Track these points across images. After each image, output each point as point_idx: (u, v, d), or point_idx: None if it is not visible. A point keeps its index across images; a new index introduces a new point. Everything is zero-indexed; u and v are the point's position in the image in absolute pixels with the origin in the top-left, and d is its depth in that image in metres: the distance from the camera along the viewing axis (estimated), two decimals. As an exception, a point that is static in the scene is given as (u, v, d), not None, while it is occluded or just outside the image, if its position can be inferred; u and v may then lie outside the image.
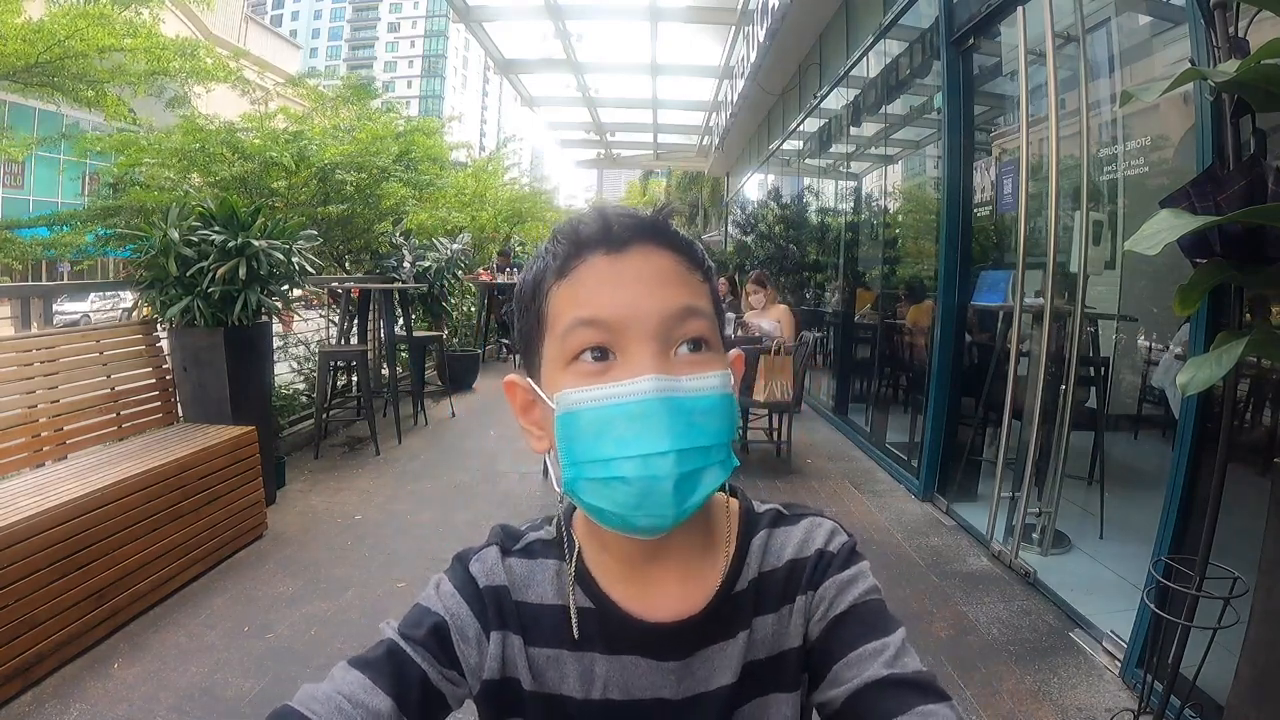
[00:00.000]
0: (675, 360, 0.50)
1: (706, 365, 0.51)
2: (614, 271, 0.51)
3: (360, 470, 4.11)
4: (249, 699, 1.94)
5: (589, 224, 0.52)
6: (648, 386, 0.48)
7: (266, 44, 30.36)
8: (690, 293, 0.52)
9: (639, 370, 0.48)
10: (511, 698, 0.57)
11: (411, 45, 77.85)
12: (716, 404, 0.50)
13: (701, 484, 0.49)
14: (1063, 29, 2.79)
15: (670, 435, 0.47)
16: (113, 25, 4.59)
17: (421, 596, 0.58)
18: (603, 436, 0.48)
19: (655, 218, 0.53)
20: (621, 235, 0.51)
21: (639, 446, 0.47)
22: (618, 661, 0.56)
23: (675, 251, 0.53)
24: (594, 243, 0.51)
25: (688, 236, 0.55)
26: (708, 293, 0.54)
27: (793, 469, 4.33)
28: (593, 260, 0.51)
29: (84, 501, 2.15)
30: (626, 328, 0.49)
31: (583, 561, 0.58)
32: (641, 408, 0.47)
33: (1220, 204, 1.35)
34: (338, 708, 0.48)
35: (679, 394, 0.48)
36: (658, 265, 0.51)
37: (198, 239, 3.11)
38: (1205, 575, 1.59)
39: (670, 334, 0.50)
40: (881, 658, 0.50)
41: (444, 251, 6.51)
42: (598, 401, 0.49)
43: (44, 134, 7.08)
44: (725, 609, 0.56)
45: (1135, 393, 3.67)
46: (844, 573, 0.57)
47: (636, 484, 0.47)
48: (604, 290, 0.50)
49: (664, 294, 0.50)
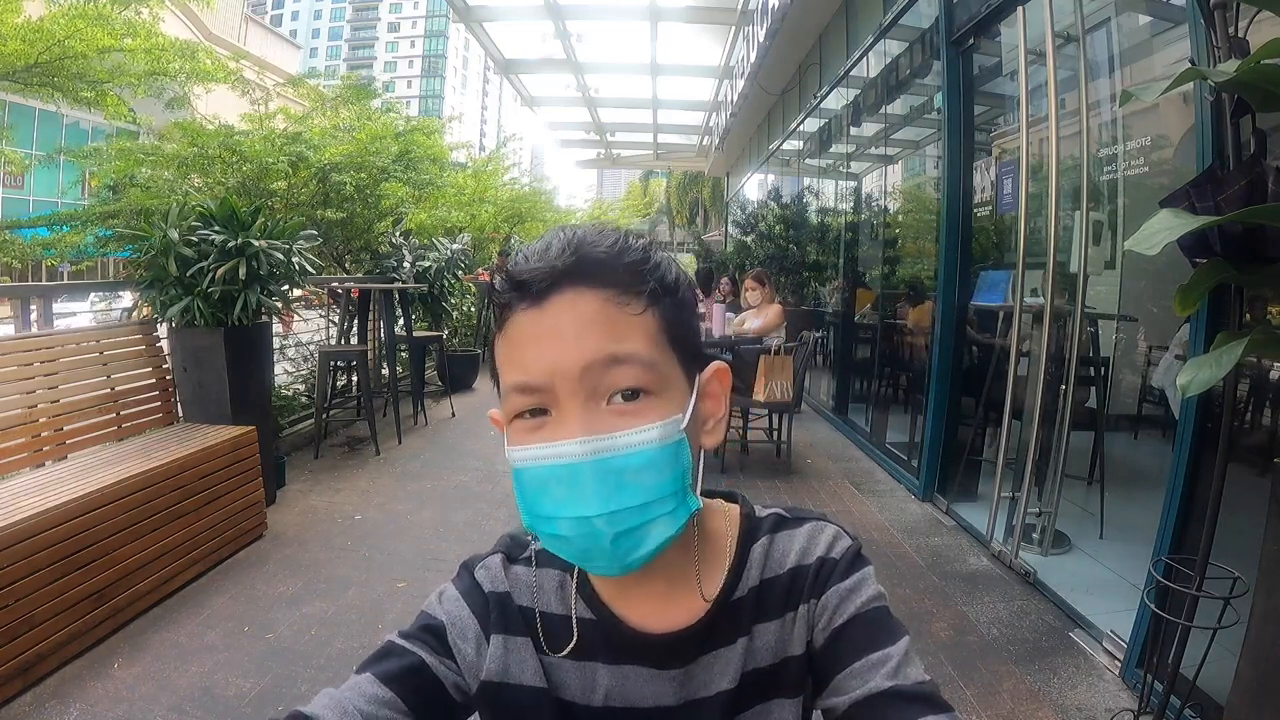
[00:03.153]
0: (607, 410, 0.48)
1: (640, 415, 0.48)
2: (535, 327, 0.48)
3: (360, 470, 4.11)
4: (249, 699, 1.94)
5: (510, 276, 0.50)
6: (573, 450, 0.46)
7: (266, 44, 30.33)
8: (615, 338, 0.48)
9: (568, 430, 0.47)
10: (513, 701, 0.57)
11: (411, 45, 77.83)
12: (652, 459, 0.47)
13: (646, 539, 0.48)
14: (1063, 29, 2.79)
15: (597, 498, 0.46)
16: (111, 25, 4.59)
17: (425, 604, 0.59)
18: (541, 494, 0.48)
19: (568, 258, 0.48)
20: (537, 287, 0.48)
21: (570, 509, 0.47)
22: (619, 671, 0.56)
23: (603, 288, 0.48)
24: (517, 296, 0.49)
25: (627, 255, 0.50)
26: (647, 326, 0.49)
27: (793, 469, 4.33)
28: (518, 316, 0.49)
29: (84, 501, 2.15)
30: (552, 387, 0.47)
31: (584, 573, 0.58)
32: (568, 471, 0.47)
33: (1220, 204, 1.35)
34: (336, 700, 0.50)
35: (609, 454, 0.47)
36: (578, 312, 0.48)
37: (198, 239, 3.11)
38: (1205, 575, 1.59)
39: (597, 385, 0.47)
40: (884, 669, 0.50)
41: (444, 251, 6.52)
42: (533, 461, 0.48)
43: (44, 133, 7.09)
44: (724, 617, 0.56)
45: (1135, 393, 3.67)
46: (846, 580, 0.56)
47: (575, 541, 0.48)
48: (529, 349, 0.48)
49: (583, 344, 0.47)
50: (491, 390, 0.54)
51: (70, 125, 13.02)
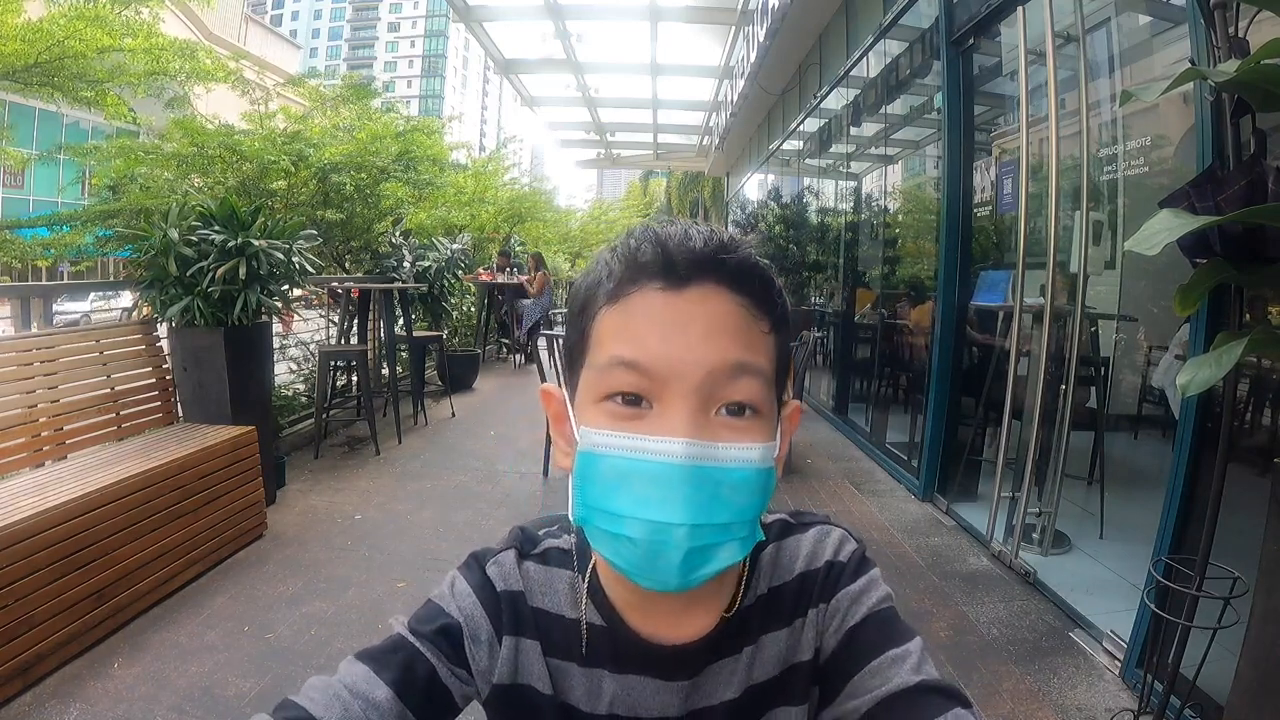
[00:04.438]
0: (713, 421, 0.46)
1: (747, 433, 0.46)
2: (667, 310, 0.46)
3: (360, 470, 4.11)
4: (249, 699, 1.94)
5: (650, 248, 0.47)
6: (678, 450, 0.43)
7: (266, 44, 30.35)
8: (747, 346, 0.46)
9: (672, 428, 0.44)
10: (523, 703, 0.56)
11: (411, 45, 77.84)
12: (750, 478, 0.46)
13: (714, 559, 0.46)
14: (1063, 29, 2.79)
15: (688, 507, 0.43)
16: (111, 25, 4.58)
17: (435, 594, 0.57)
18: (618, 489, 0.45)
19: (725, 252, 0.47)
20: (683, 269, 0.46)
21: (652, 512, 0.44)
22: (625, 680, 0.55)
23: (741, 294, 0.47)
24: (651, 272, 0.47)
25: (764, 272, 0.49)
26: (770, 348, 0.48)
27: (793, 469, 4.33)
28: (647, 292, 0.46)
29: (84, 501, 2.15)
30: (667, 378, 0.45)
31: (596, 577, 0.57)
32: (665, 470, 0.44)
33: (1220, 204, 1.35)
34: (336, 695, 0.47)
35: (710, 463, 0.44)
36: (715, 310, 0.46)
37: (197, 239, 3.11)
38: (1205, 575, 1.59)
39: (714, 392, 0.45)
40: (906, 664, 0.49)
41: (444, 251, 6.52)
42: (621, 451, 0.45)
43: (44, 133, 7.08)
44: (733, 627, 0.55)
45: (1135, 393, 3.67)
46: (856, 583, 0.56)
47: (643, 547, 0.44)
48: (652, 330, 0.45)
49: (715, 345, 0.45)
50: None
51: (70, 125, 13.01)
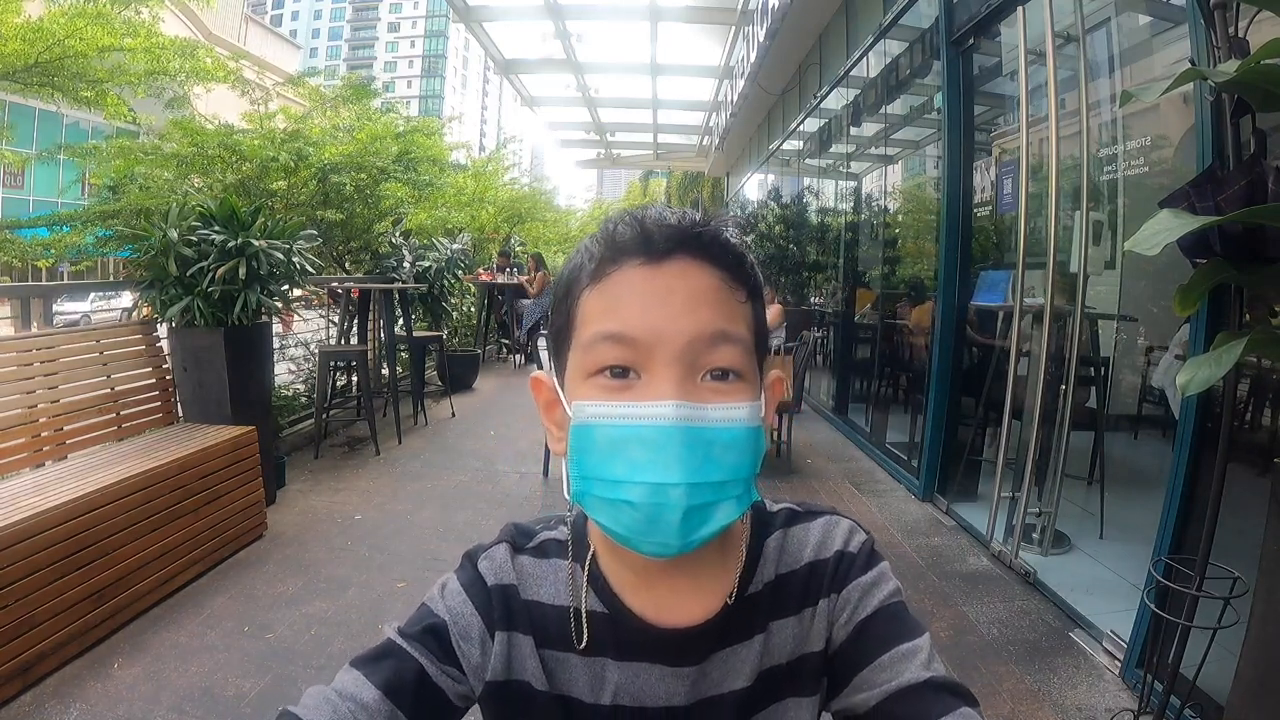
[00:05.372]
0: (700, 386, 0.48)
1: (733, 395, 0.48)
2: (647, 284, 0.48)
3: (360, 470, 4.11)
4: (249, 699, 1.94)
5: (627, 228, 0.49)
6: (668, 412, 0.45)
7: (266, 44, 30.35)
8: (726, 316, 0.49)
9: (661, 393, 0.46)
10: (519, 699, 0.55)
11: (411, 45, 77.83)
12: (739, 437, 0.47)
13: (713, 518, 0.47)
14: (1063, 29, 2.79)
15: (683, 467, 0.45)
16: (111, 25, 4.58)
17: (427, 596, 0.57)
18: (614, 456, 0.46)
19: (699, 226, 0.49)
20: (660, 245, 0.48)
21: (649, 474, 0.45)
22: (629, 668, 0.54)
23: (718, 267, 0.49)
24: (631, 250, 0.49)
25: (739, 249, 0.51)
26: (748, 316, 0.51)
27: (793, 469, 4.33)
28: (627, 269, 0.49)
29: (84, 501, 2.15)
30: (653, 347, 0.47)
31: (596, 564, 0.57)
32: (658, 434, 0.45)
33: (1220, 204, 1.35)
34: (326, 699, 0.48)
35: (700, 424, 0.46)
36: (695, 282, 0.48)
37: (197, 239, 3.11)
38: (1205, 575, 1.59)
39: (698, 360, 0.47)
40: (915, 660, 0.49)
41: (444, 251, 6.52)
42: (613, 419, 0.47)
43: (44, 133, 7.08)
44: (740, 613, 0.55)
45: (1135, 393, 3.67)
46: (867, 575, 0.55)
47: (643, 510, 0.46)
48: (634, 304, 0.48)
49: (697, 315, 0.47)
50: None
51: (70, 125, 13.00)
